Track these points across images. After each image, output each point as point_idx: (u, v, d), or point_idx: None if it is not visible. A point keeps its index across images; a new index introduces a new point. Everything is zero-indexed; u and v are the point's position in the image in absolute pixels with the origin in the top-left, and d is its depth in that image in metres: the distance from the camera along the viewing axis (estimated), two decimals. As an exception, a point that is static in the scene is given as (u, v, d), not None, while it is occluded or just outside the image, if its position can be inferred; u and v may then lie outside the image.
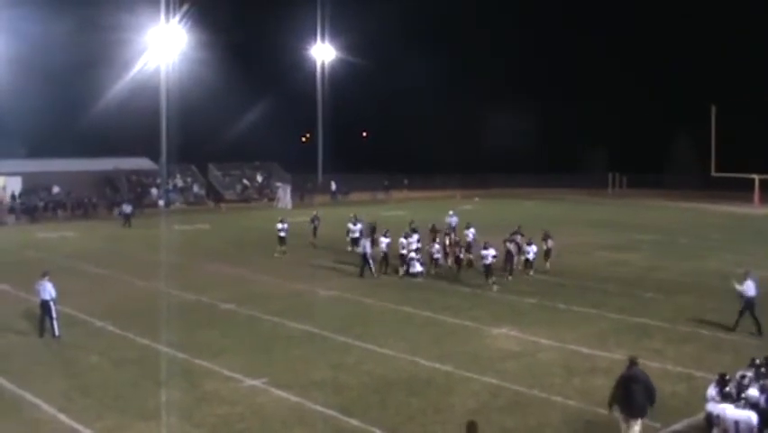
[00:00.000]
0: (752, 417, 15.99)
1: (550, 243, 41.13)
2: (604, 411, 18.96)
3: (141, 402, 20.85)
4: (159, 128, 78.87)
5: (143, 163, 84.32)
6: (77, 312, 30.99)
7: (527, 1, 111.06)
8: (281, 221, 46.58)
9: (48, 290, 27.58)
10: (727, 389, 16.85)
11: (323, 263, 42.91)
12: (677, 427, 18.94)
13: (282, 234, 45.91)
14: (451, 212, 52.78)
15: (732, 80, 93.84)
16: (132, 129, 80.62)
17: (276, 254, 44.69)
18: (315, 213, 52.00)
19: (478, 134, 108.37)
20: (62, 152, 78.31)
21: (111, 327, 28.77)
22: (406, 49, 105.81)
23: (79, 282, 38.30)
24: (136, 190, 78.79)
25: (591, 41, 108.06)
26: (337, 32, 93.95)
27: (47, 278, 27.83)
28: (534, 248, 38.92)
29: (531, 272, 38.85)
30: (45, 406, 20.44)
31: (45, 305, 27.56)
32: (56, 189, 74.48)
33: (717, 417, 16.35)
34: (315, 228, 50.27)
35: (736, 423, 16.07)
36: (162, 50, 77.66)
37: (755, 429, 16.00)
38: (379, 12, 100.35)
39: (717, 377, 17.27)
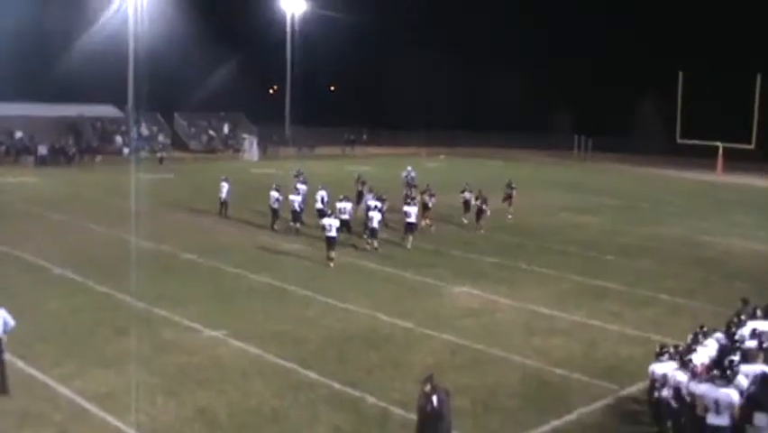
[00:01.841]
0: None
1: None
2: (561, 371, 19.08)
3: (100, 350, 20.76)
4: (125, 75, 77.94)
5: (109, 111, 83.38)
6: (36, 258, 30.79)
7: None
8: (276, 188, 39.97)
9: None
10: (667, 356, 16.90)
11: (287, 217, 42.52)
12: (632, 389, 19.11)
13: (275, 205, 39.46)
14: (409, 167, 52.68)
15: (700, 47, 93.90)
16: (98, 76, 79.49)
17: (275, 227, 39.15)
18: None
19: (447, 91, 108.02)
20: (25, 97, 77.23)
21: (70, 274, 28.58)
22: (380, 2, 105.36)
23: (39, 228, 38.12)
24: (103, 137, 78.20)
25: (562, 2, 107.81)
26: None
27: None
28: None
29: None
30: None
31: None
32: (18, 134, 73.57)
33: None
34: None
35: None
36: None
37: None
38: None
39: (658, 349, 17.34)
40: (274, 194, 39.48)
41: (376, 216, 34.68)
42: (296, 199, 38.32)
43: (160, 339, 21.71)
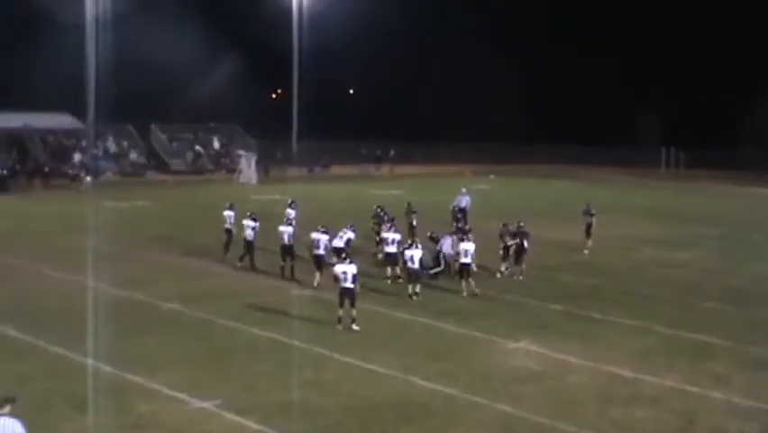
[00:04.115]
0: None
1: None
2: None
3: (53, 429, 20.73)
4: (86, 77, 78.47)
5: (64, 121, 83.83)
6: (-29, 311, 30.96)
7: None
8: (252, 218, 40.62)
9: None
10: None
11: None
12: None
13: (250, 236, 39.99)
14: (464, 190, 52.93)
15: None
16: (51, 77, 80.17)
17: (239, 263, 40.34)
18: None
19: (496, 95, 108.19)
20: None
21: (13, 333, 28.56)
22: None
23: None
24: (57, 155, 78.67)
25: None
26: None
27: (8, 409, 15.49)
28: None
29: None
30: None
31: None
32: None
33: None
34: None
35: None
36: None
37: None
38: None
39: None
40: (249, 223, 39.73)
41: (416, 255, 34.48)
42: (286, 231, 38.08)
43: (133, 414, 21.67)
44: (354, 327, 29.75)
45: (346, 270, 30.25)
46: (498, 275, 38.38)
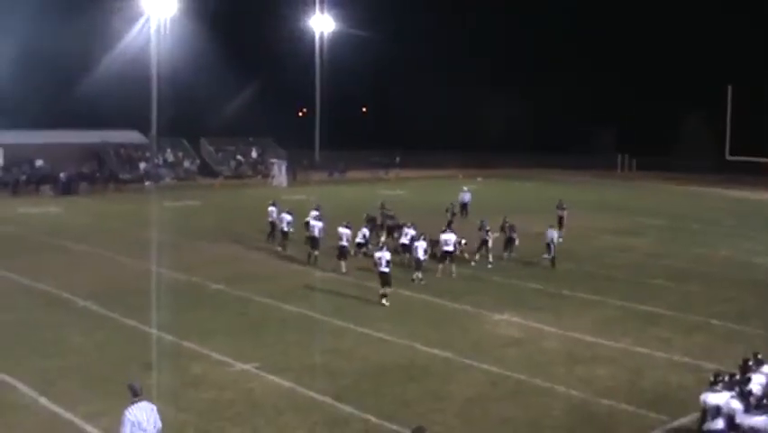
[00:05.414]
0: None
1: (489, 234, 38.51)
2: (607, 402, 18.94)
3: (126, 386, 20.79)
4: (149, 100, 78.48)
5: (133, 136, 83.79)
6: (60, 291, 30.96)
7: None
8: (288, 212, 40.99)
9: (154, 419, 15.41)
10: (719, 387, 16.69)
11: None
12: (684, 420, 18.96)
13: (286, 227, 40.45)
14: (465, 188, 52.94)
15: (751, 60, 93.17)
16: (122, 100, 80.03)
17: (278, 248, 40.95)
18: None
19: (480, 110, 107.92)
20: (46, 124, 77.65)
21: (95, 307, 28.73)
22: (408, 21, 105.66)
23: (62, 259, 38.33)
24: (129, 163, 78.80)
25: (603, 11, 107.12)
26: (337, 3, 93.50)
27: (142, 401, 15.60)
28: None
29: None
30: (24, 389, 20.39)
31: None
32: (39, 163, 74.12)
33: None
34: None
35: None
36: (154, 18, 77.28)
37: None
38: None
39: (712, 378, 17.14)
40: (286, 217, 40.12)
41: (421, 246, 34.10)
42: (317, 225, 37.85)
43: (189, 374, 21.79)
44: (384, 302, 29.67)
45: (381, 256, 30.17)
46: (473, 263, 37.57)
